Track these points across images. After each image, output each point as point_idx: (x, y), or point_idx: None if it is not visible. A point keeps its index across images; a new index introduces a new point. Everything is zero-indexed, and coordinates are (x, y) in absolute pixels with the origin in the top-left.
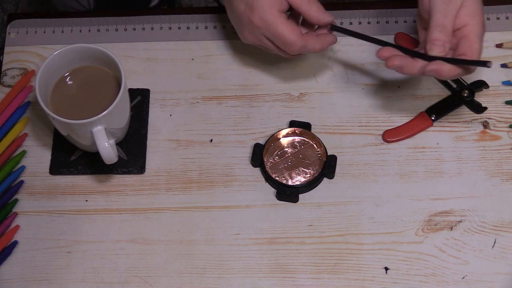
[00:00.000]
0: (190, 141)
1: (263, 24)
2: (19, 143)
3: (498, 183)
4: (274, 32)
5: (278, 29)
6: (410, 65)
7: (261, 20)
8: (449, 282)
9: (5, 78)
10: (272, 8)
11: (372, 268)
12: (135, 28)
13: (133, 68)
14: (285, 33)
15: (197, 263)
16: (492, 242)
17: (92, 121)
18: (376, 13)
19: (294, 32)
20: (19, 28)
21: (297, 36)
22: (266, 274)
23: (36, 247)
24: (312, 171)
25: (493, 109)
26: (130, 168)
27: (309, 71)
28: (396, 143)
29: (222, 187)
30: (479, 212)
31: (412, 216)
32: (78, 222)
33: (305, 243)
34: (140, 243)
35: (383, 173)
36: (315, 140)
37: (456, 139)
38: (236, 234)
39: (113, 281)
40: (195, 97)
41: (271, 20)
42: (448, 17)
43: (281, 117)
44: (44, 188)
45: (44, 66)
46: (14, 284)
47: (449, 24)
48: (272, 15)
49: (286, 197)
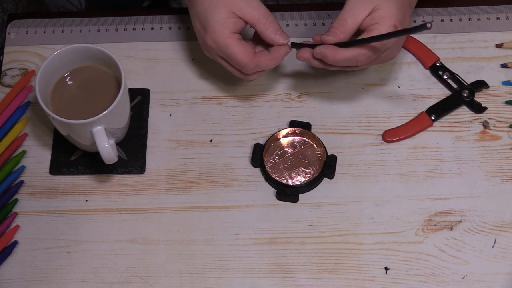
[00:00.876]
0: (190, 141)
1: (216, 45)
2: (19, 143)
3: (498, 183)
4: (227, 53)
5: (229, 50)
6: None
7: (214, 41)
8: (449, 282)
9: (5, 78)
10: (225, 29)
11: (372, 268)
12: (135, 28)
13: (133, 68)
14: (237, 54)
15: (197, 263)
16: (492, 242)
17: (92, 121)
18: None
19: (246, 53)
20: (19, 28)
21: (248, 57)
22: (266, 274)
23: (36, 247)
24: (312, 171)
25: (493, 109)
26: (130, 168)
27: (309, 71)
28: (396, 143)
29: (222, 187)
30: (479, 212)
31: (412, 216)
32: (78, 222)
33: (305, 243)
34: (140, 243)
35: (383, 173)
36: (315, 140)
37: (456, 139)
38: (236, 234)
39: (113, 281)
40: (195, 97)
41: (223, 41)
42: (349, 14)
43: (281, 117)
44: (44, 188)
45: (44, 66)
46: (14, 284)
47: (349, 19)
48: (224, 37)
49: (286, 197)
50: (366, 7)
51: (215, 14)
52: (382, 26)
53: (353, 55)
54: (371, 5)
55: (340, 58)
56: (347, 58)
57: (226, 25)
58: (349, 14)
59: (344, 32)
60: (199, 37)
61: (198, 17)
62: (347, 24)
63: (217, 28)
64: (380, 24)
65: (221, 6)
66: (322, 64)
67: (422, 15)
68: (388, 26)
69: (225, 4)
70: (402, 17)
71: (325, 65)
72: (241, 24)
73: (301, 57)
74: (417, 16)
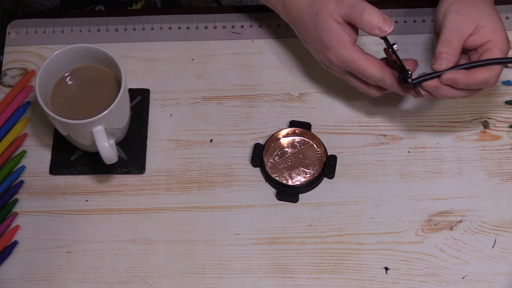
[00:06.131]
0: (190, 141)
1: (342, 62)
2: (19, 143)
3: (498, 183)
4: (354, 67)
5: (356, 64)
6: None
7: (339, 58)
8: (449, 282)
9: (5, 78)
10: (346, 43)
11: (372, 268)
12: (135, 28)
13: (133, 68)
14: (363, 66)
15: (197, 263)
16: (492, 242)
17: (92, 121)
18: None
19: (373, 63)
20: (19, 28)
21: (377, 67)
22: (266, 274)
23: (36, 247)
24: (312, 171)
25: (493, 109)
26: (130, 168)
27: (309, 71)
28: (396, 143)
29: (222, 187)
30: (479, 212)
31: (412, 216)
32: (78, 222)
33: (305, 243)
34: (140, 243)
35: (383, 173)
36: (315, 140)
37: (456, 139)
38: (236, 234)
39: (113, 281)
40: (195, 97)
41: (349, 56)
42: (455, 33)
43: (281, 117)
44: (44, 188)
45: (44, 66)
46: (14, 284)
47: (455, 39)
48: (348, 51)
49: (286, 197)
50: (470, 24)
51: (324, 28)
52: (498, 42)
53: (486, 78)
54: (474, 21)
55: (472, 81)
56: (479, 82)
57: (344, 38)
58: (453, 34)
59: (454, 55)
60: (322, 56)
61: (311, 34)
62: (454, 44)
63: (337, 45)
64: (495, 41)
65: (325, 20)
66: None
67: (418, 15)
68: (504, 40)
69: (326, 15)
70: (503, 25)
71: (449, 92)
72: (354, 32)
73: (428, 86)
74: (417, 16)
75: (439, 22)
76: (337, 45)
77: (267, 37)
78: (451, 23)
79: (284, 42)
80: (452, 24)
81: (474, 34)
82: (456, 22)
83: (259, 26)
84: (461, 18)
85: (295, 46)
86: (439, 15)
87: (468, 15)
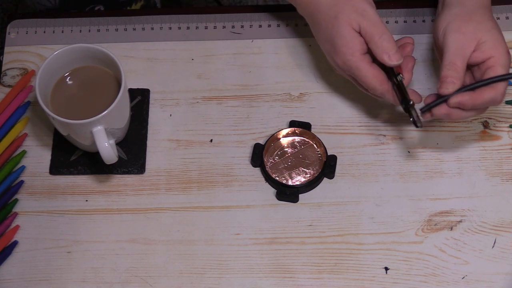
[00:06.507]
0: (190, 141)
1: (347, 68)
2: (19, 143)
3: (498, 183)
4: (358, 76)
5: (361, 73)
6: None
7: (345, 64)
8: (449, 282)
9: (5, 78)
10: (355, 51)
11: (372, 268)
12: (135, 28)
13: (133, 68)
14: (367, 78)
15: (197, 263)
16: (492, 242)
17: (92, 121)
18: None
19: (376, 77)
20: (19, 28)
21: (379, 82)
22: (266, 274)
23: (36, 247)
24: (312, 171)
25: (493, 109)
26: (130, 168)
27: (309, 71)
28: (396, 143)
29: (222, 187)
30: (479, 212)
31: (412, 216)
32: (78, 222)
33: (305, 243)
34: (140, 243)
35: (383, 173)
36: (315, 140)
37: (456, 139)
38: (236, 234)
39: (113, 281)
40: (195, 97)
41: (355, 64)
42: (457, 55)
43: (281, 117)
44: (44, 188)
45: (44, 66)
46: (14, 284)
47: (458, 61)
48: (355, 60)
49: (286, 197)
50: (471, 42)
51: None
52: (500, 58)
53: (492, 97)
54: (474, 38)
55: (479, 101)
56: (485, 101)
57: (355, 46)
58: (456, 56)
59: (459, 78)
60: (330, 58)
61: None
62: (458, 67)
63: (347, 50)
64: (497, 57)
65: (343, 25)
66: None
67: (418, 15)
68: (504, 55)
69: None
70: (503, 38)
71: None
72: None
73: (440, 114)
74: (417, 16)
75: (440, 41)
76: (347, 51)
77: (267, 37)
78: (453, 44)
79: (284, 42)
80: (454, 46)
81: (475, 51)
82: (457, 42)
83: (259, 26)
84: (462, 37)
85: (295, 46)
86: (439, 34)
87: (467, 32)
